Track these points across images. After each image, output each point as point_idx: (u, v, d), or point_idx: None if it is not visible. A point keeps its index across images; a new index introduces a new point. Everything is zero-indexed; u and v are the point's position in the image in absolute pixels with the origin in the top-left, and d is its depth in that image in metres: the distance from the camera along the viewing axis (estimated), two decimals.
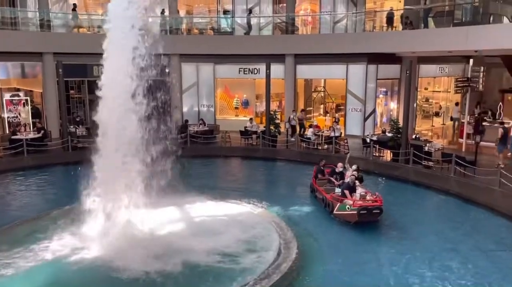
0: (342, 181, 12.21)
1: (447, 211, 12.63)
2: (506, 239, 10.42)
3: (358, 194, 11.28)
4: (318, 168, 13.49)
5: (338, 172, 12.87)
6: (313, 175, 13.47)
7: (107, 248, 8.96)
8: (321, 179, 13.08)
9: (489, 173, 13.71)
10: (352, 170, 12.54)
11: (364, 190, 11.57)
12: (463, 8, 18.12)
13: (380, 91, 22.44)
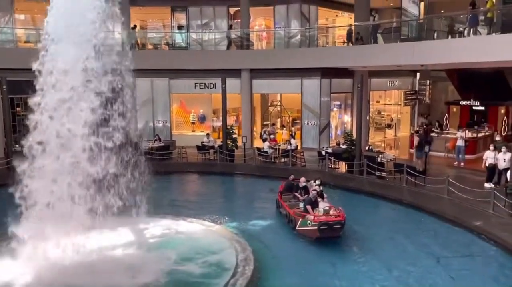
0: (307, 196, 12.04)
1: (401, 220, 12.93)
2: (456, 245, 10.77)
3: (322, 209, 11.19)
4: (286, 183, 13.40)
5: (302, 187, 12.75)
6: (280, 190, 13.39)
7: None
8: (287, 195, 12.93)
9: (438, 182, 14.23)
10: (315, 185, 12.58)
11: (328, 205, 11.49)
12: (409, 24, 19.01)
13: (334, 105, 23.00)
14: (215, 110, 23.80)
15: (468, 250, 10.52)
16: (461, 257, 10.14)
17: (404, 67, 20.85)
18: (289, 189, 13.14)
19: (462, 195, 13.04)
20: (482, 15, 16.15)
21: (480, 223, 11.55)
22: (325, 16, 25.91)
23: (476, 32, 16.44)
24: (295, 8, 23.55)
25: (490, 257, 10.08)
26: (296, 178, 13.53)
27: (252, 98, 22.75)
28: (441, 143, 19.89)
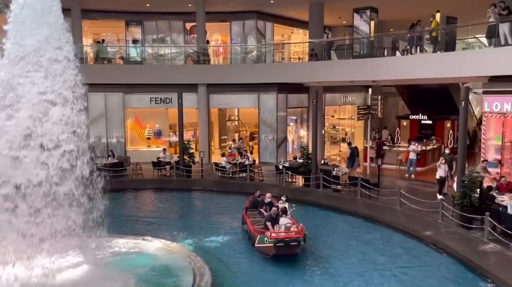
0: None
1: (357, 232, 13.13)
2: (409, 256, 11.09)
3: (284, 226, 11.10)
4: (252, 199, 13.26)
5: (268, 202, 12.57)
6: (246, 206, 13.24)
7: None
8: (253, 211, 12.73)
9: (391, 194, 14.68)
10: (282, 201, 12.56)
11: (290, 221, 11.38)
12: (361, 42, 19.74)
13: (291, 119, 23.33)
14: (171, 125, 23.47)
15: (420, 259, 10.83)
16: (414, 267, 10.41)
17: (357, 82, 21.56)
18: (254, 205, 12.96)
19: (414, 206, 13.50)
20: (428, 34, 17.05)
21: (431, 232, 11.97)
22: (280, 33, 26.46)
23: (422, 50, 17.37)
24: (251, 24, 23.90)
25: (440, 266, 10.42)
26: (262, 193, 13.38)
27: (210, 113, 22.65)
28: (393, 156, 20.62)
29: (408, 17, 20.25)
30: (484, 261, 9.92)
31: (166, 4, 22.15)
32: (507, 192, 12.21)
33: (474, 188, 11.96)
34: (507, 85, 14.58)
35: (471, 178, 11.96)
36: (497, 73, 14.58)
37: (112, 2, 21.65)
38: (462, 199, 11.86)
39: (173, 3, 22.05)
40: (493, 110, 15.37)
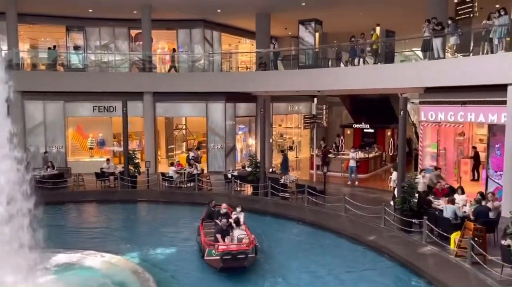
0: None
1: (305, 239, 13.38)
2: (354, 260, 11.43)
3: (236, 237, 10.96)
4: (207, 210, 12.98)
5: (223, 213, 12.29)
6: (202, 217, 12.95)
7: None
8: (208, 222, 12.36)
9: (336, 201, 15.09)
10: (238, 211, 12.46)
11: (244, 233, 11.25)
12: (306, 53, 20.27)
13: (239, 128, 23.40)
14: (115, 135, 22.72)
15: (365, 263, 11.20)
16: (359, 271, 10.73)
17: (303, 92, 22.08)
18: (210, 216, 12.65)
19: (358, 212, 13.96)
20: (369, 46, 17.83)
21: (374, 237, 12.43)
22: (228, 42, 26.57)
23: (364, 62, 18.13)
24: (198, 32, 23.82)
25: (383, 269, 10.82)
26: (217, 204, 13.12)
27: (156, 122, 22.19)
28: (337, 164, 21.25)
29: (351, 29, 21.12)
30: (423, 263, 10.42)
31: (110, 10, 21.54)
32: (442, 196, 12.94)
33: (413, 194, 12.57)
34: (441, 96, 15.56)
35: (410, 184, 12.56)
36: (431, 85, 15.53)
37: (52, 6, 20.70)
38: (402, 204, 12.42)
39: (118, 10, 21.49)
40: (429, 119, 16.31)
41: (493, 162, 14.74)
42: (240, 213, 12.42)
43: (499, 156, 14.24)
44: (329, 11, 20.21)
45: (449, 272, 9.75)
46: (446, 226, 11.23)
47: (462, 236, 10.41)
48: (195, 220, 15.35)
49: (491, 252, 9.88)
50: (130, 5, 20.65)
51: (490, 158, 14.88)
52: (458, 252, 10.36)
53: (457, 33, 15.02)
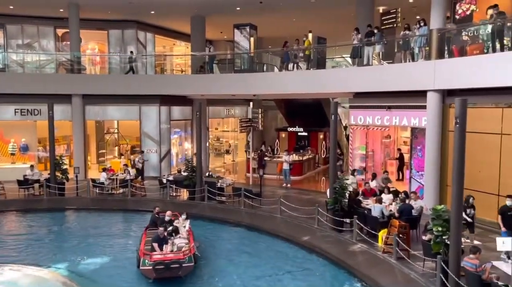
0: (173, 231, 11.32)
1: (242, 242, 13.42)
2: (290, 261, 11.67)
3: (176, 246, 10.68)
4: (151, 217, 12.50)
5: (168, 220, 11.98)
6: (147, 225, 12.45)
7: None
8: (152, 229, 11.83)
9: (272, 203, 15.33)
10: (182, 219, 12.19)
11: (185, 241, 10.96)
12: (242, 57, 20.44)
13: (175, 132, 23.00)
14: (41, 139, 21.35)
15: (300, 263, 11.47)
16: (295, 271, 10.97)
17: (239, 96, 22.24)
18: (154, 224, 12.21)
19: (292, 213, 14.29)
20: (302, 52, 18.37)
21: (308, 237, 12.78)
22: (162, 44, 26.06)
23: (298, 67, 18.64)
24: (130, 34, 23.10)
25: (317, 268, 11.15)
26: (161, 211, 12.72)
27: (86, 126, 21.16)
28: (273, 166, 21.63)
29: (285, 35, 21.66)
30: (353, 261, 10.89)
31: (34, 7, 20.22)
32: (371, 196, 13.64)
33: (344, 194, 13.11)
34: (369, 100, 16.42)
35: (341, 185, 13.09)
36: (360, 90, 16.34)
37: None
38: (334, 204, 12.91)
39: (42, 7, 20.23)
40: (358, 123, 17.13)
41: (415, 163, 15.81)
42: (186, 220, 12.22)
43: (421, 157, 15.30)
44: (264, 16, 20.57)
45: (377, 267, 10.28)
46: (374, 224, 11.84)
47: (389, 233, 11.03)
48: (129, 228, 14.94)
49: (414, 247, 10.57)
50: (55, 3, 19.53)
51: (413, 159, 15.94)
52: (385, 248, 10.96)
53: (383, 41, 15.93)
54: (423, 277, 9.40)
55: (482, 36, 13.53)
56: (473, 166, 12.47)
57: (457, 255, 8.41)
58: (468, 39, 14.00)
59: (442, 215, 9.16)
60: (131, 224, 15.25)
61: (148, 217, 13.10)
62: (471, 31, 13.94)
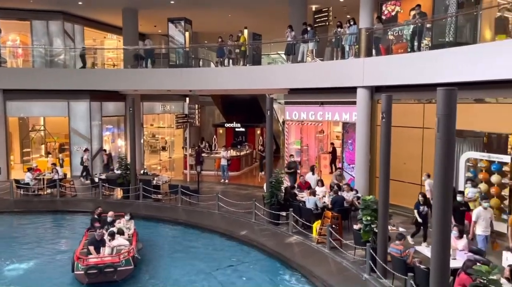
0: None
1: (180, 239, 13.26)
2: (229, 255, 11.74)
3: (115, 249, 10.20)
4: (92, 218, 11.87)
5: (110, 221, 11.42)
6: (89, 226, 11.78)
7: None
8: (93, 231, 11.06)
9: (209, 199, 15.27)
10: (126, 219, 11.72)
11: (125, 243, 10.48)
12: (177, 52, 20.06)
13: (107, 129, 22.08)
14: None
15: (239, 258, 11.57)
16: (235, 265, 11.07)
17: (174, 91, 21.81)
18: (93, 225, 11.59)
19: (230, 209, 14.34)
20: (237, 48, 18.40)
21: (246, 232, 12.92)
22: (92, 37, 24.84)
23: (234, 63, 18.65)
24: (56, 25, 21.71)
25: (255, 261, 11.33)
26: (104, 212, 12.11)
27: (7, 123, 19.65)
28: (211, 163, 21.54)
29: (221, 30, 21.56)
30: (289, 252, 11.18)
31: None
32: (305, 189, 14.04)
33: (280, 188, 13.38)
34: (303, 96, 16.84)
35: (277, 179, 13.34)
36: (294, 86, 16.71)
37: None
38: (271, 198, 13.13)
39: None
40: (293, 118, 17.52)
41: (347, 156, 16.51)
42: (130, 221, 11.81)
43: (352, 151, 16.00)
44: (199, 11, 20.30)
45: (311, 258, 10.63)
46: (308, 216, 12.23)
47: (322, 224, 11.44)
48: (58, 230, 14.17)
49: (346, 237, 11.05)
50: None
51: (344, 153, 16.64)
52: (319, 239, 11.36)
53: (315, 39, 16.40)
54: (354, 264, 9.86)
55: (406, 36, 14.41)
56: (398, 158, 13.28)
57: (384, 242, 8.93)
58: (394, 39, 14.85)
59: (370, 205, 9.67)
60: (61, 226, 14.50)
61: (80, 218, 12.56)
62: (396, 31, 14.79)
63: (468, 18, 12.40)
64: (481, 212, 9.57)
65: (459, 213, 9.98)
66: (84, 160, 18.91)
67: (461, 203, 10.25)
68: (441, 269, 5.94)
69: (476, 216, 9.57)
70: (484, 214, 9.54)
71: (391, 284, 8.51)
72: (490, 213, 9.65)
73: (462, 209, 10.14)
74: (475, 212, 9.64)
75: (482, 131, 12.31)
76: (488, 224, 9.52)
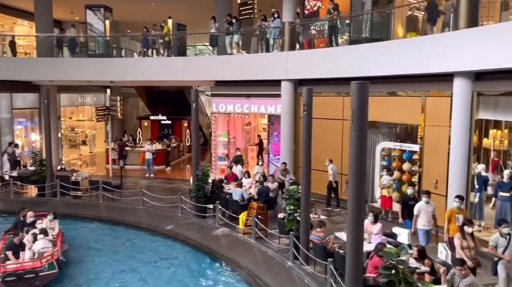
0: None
1: (103, 237, 12.68)
2: (154, 251, 11.47)
3: (37, 253, 9.43)
4: (16, 219, 10.91)
5: (30, 222, 10.52)
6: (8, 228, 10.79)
7: None
8: (12, 234, 10.03)
9: (133, 194, 14.76)
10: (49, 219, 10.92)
11: (48, 246, 9.67)
12: (97, 40, 19.00)
13: (18, 122, 20.38)
14: None
15: (165, 253, 11.37)
16: (159, 261, 10.86)
17: (95, 82, 20.70)
18: (16, 227, 10.62)
19: (156, 203, 13.99)
20: (161, 38, 17.88)
21: (172, 226, 12.71)
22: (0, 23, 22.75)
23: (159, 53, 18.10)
24: None
25: (182, 255, 11.19)
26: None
27: None
28: (135, 157, 20.83)
29: (144, 20, 20.80)
30: (216, 244, 11.20)
31: None
32: (232, 181, 14.10)
33: (206, 181, 13.30)
34: (229, 89, 16.83)
35: (204, 172, 13.24)
36: (219, 79, 16.65)
37: None
38: (197, 191, 13.01)
39: None
40: (220, 111, 17.46)
41: (273, 148, 16.84)
42: (53, 221, 11.02)
43: (277, 143, 16.35)
44: None
45: (238, 249, 10.74)
46: (235, 208, 12.31)
47: (248, 215, 11.57)
48: None
49: (272, 226, 11.29)
50: None
51: (270, 145, 16.94)
52: (245, 230, 11.49)
53: (240, 31, 16.43)
54: (278, 253, 10.11)
55: (326, 31, 14.95)
56: (320, 149, 13.81)
57: (306, 230, 9.26)
58: (316, 33, 15.34)
59: (293, 195, 9.96)
60: None
61: None
62: (318, 26, 15.28)
63: (382, 16, 13.17)
64: (422, 206, 9.22)
65: (409, 207, 9.69)
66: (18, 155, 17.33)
67: (410, 197, 9.96)
68: (356, 253, 6.28)
69: (417, 210, 9.23)
70: (425, 208, 9.18)
71: (313, 270, 8.84)
72: (432, 207, 9.25)
73: (411, 203, 9.72)
74: (417, 206, 9.27)
75: (395, 122, 13.20)
76: (429, 218, 9.17)
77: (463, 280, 6.55)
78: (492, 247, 7.58)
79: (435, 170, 11.32)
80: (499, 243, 7.53)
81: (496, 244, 7.55)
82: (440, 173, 11.08)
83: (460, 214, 8.65)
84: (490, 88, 10.19)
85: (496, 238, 7.60)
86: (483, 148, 11.65)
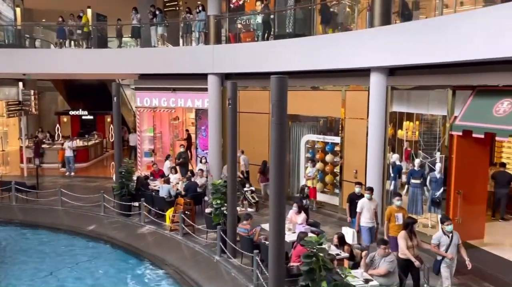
0: None
1: (17, 242, 11.80)
2: (75, 253, 10.90)
3: None
4: None
5: None
6: None
7: None
8: None
9: (51, 195, 13.85)
10: None
11: None
12: (6, 29, 17.48)
13: None
14: None
15: (87, 254, 10.84)
16: (82, 262, 10.34)
17: (4, 75, 19.03)
18: None
19: (76, 203, 13.25)
20: (78, 29, 16.87)
21: (94, 226, 12.15)
22: None
23: (76, 45, 17.07)
24: None
25: (105, 256, 10.75)
26: None
27: None
28: (53, 155, 19.56)
29: (60, 9, 19.45)
30: (141, 242, 10.89)
31: None
32: (159, 177, 13.75)
33: (130, 178, 12.83)
34: (154, 82, 16.33)
35: (127, 169, 12.76)
36: (143, 72, 16.11)
37: None
38: (121, 189, 12.51)
39: None
40: (144, 105, 16.91)
41: (201, 142, 16.67)
42: None
43: (205, 137, 16.20)
44: None
45: (164, 246, 10.52)
46: (161, 205, 12.00)
47: (175, 211, 11.36)
48: None
49: (199, 222, 11.18)
50: None
51: (198, 139, 16.76)
52: (172, 226, 11.26)
53: (164, 23, 16.01)
54: (206, 248, 10.05)
55: (252, 25, 15.05)
56: (248, 143, 13.94)
57: (233, 223, 9.29)
58: (242, 27, 15.38)
59: (220, 189, 9.94)
60: None
61: None
62: (244, 20, 15.33)
63: (305, 12, 13.52)
64: (365, 203, 9.04)
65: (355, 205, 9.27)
66: None
67: (357, 195, 9.58)
68: (277, 243, 6.39)
69: (360, 207, 9.04)
70: (368, 205, 9.02)
71: (240, 263, 8.90)
72: (374, 204, 9.13)
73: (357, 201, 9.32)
74: (360, 203, 9.08)
75: (318, 116, 13.66)
76: (372, 215, 9.02)
77: (386, 258, 6.83)
78: (434, 245, 7.30)
79: (355, 161, 11.90)
80: (441, 241, 7.24)
81: (438, 242, 7.26)
82: (359, 163, 11.67)
83: (399, 213, 8.40)
84: (402, 83, 10.89)
85: (438, 236, 7.29)
86: (397, 139, 12.43)
